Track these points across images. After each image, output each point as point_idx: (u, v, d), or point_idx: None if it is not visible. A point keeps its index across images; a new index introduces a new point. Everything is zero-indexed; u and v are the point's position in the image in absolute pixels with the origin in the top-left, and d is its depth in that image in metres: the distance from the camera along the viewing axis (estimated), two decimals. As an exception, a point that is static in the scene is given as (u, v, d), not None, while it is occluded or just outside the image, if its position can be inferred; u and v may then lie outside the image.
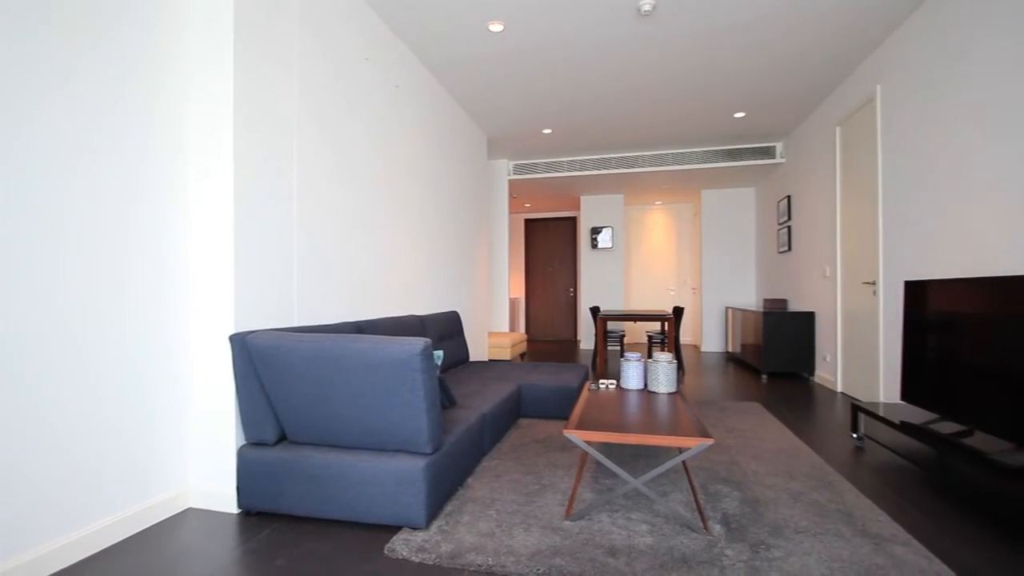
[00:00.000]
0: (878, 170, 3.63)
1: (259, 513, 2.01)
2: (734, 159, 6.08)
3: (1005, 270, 2.44)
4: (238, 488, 2.00)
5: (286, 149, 2.31)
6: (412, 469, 1.82)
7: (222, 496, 2.03)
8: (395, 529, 1.86)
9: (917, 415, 2.58)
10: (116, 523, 1.78)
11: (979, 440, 2.14)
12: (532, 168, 6.61)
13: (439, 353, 2.35)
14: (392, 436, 1.86)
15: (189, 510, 2.04)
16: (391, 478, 1.83)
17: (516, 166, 6.66)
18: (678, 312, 5.52)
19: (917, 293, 2.57)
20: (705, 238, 7.60)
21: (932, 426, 2.35)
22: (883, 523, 1.88)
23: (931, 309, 2.46)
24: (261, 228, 2.16)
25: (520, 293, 9.44)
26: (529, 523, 1.88)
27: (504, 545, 1.72)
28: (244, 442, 2.05)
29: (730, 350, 6.83)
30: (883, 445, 2.56)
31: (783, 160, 5.92)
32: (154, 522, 1.92)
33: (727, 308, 7.12)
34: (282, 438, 2.05)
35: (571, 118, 5.07)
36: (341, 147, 2.74)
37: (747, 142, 5.96)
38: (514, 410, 3.23)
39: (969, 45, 2.69)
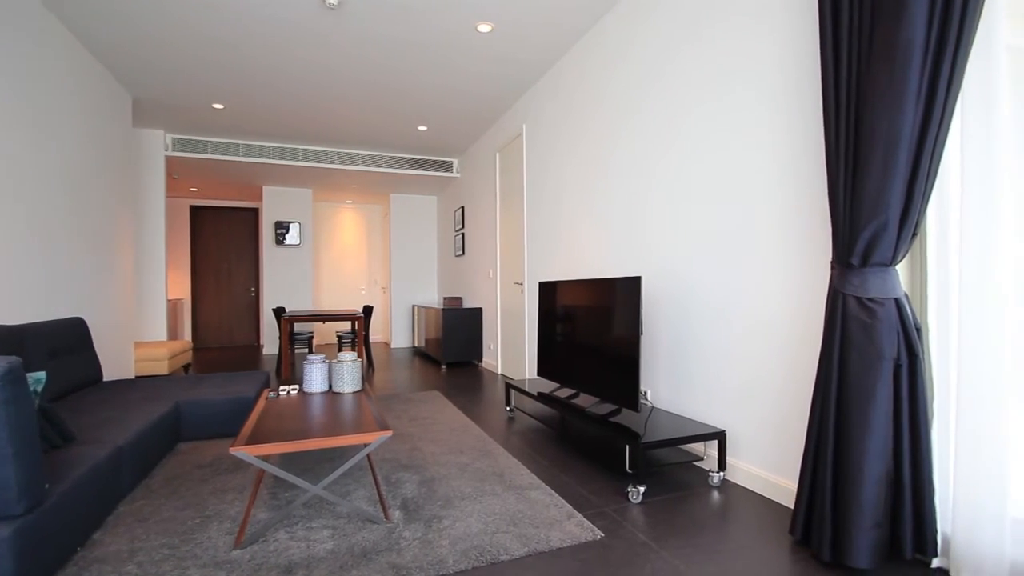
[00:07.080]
0: (524, 192, 4.53)
1: None
2: (418, 168, 6.57)
3: (595, 273, 3.40)
4: None
5: None
6: (-12, 542, 1.30)
7: None
8: (-45, 635, 1.30)
9: (548, 386, 3.33)
10: None
11: (582, 399, 2.91)
12: (199, 146, 5.61)
13: (39, 376, 1.74)
14: (-52, 503, 1.29)
15: None
16: (-54, 564, 1.27)
17: (177, 141, 5.53)
18: (368, 311, 5.62)
19: (545, 291, 3.32)
20: (394, 239, 7.95)
21: (555, 393, 3.08)
22: (524, 476, 2.36)
23: (554, 303, 3.21)
24: None
25: (185, 293, 7.89)
26: (185, 566, 1.60)
27: (147, 602, 1.41)
28: None
29: (416, 345, 7.36)
30: (526, 413, 3.20)
31: (459, 175, 6.73)
32: None
33: (414, 306, 7.64)
34: None
35: (249, 97, 4.52)
36: None
37: (429, 154, 6.52)
38: (170, 434, 2.69)
39: (567, 108, 3.64)
